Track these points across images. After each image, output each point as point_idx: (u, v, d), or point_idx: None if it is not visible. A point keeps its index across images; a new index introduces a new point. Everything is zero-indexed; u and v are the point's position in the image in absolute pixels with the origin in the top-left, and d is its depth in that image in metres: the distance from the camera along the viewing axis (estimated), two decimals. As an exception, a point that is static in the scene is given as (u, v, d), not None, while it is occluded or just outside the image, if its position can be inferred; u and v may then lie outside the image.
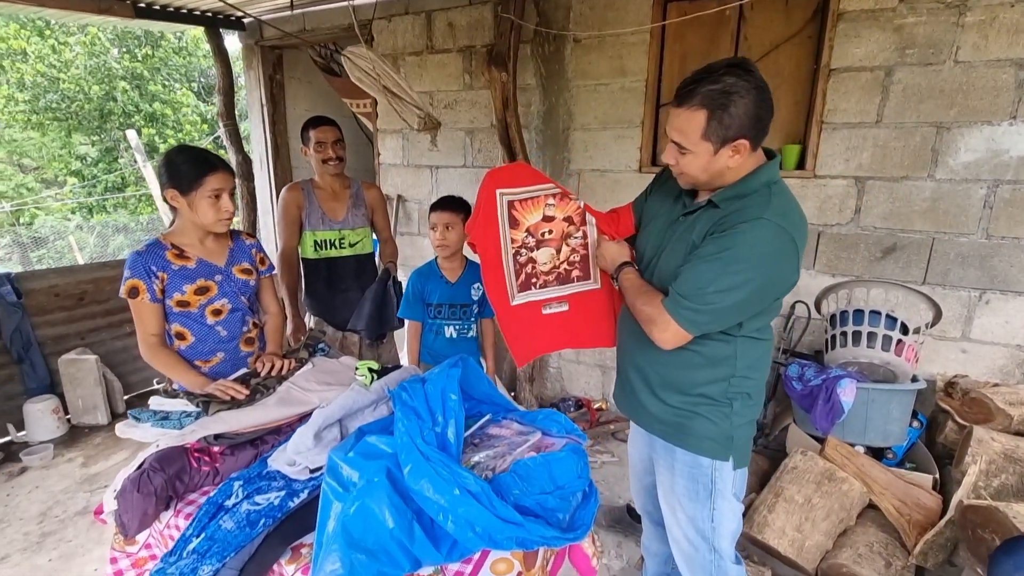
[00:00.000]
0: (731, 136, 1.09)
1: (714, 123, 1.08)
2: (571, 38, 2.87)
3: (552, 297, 1.49)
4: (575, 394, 3.31)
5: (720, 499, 1.30)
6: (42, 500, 2.49)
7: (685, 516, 1.35)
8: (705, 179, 1.17)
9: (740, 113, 1.07)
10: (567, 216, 1.45)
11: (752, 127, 1.09)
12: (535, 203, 1.43)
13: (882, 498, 2.00)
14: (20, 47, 9.63)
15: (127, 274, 1.50)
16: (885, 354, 2.15)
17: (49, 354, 3.13)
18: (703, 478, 1.30)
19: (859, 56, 2.32)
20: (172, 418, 1.38)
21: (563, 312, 1.49)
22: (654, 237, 1.34)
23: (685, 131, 1.12)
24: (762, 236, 1.10)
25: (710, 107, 1.07)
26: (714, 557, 1.35)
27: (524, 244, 1.44)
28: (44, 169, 11.11)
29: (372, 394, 1.40)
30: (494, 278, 1.45)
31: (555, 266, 1.47)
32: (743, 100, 1.06)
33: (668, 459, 1.35)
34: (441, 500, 1.02)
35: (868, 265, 2.48)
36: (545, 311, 1.49)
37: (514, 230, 1.43)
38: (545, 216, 1.43)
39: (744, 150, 1.11)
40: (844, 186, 2.46)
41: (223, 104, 3.93)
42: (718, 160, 1.13)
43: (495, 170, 1.45)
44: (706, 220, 1.19)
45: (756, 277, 1.11)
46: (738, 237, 1.10)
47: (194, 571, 0.99)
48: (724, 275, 1.11)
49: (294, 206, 2.28)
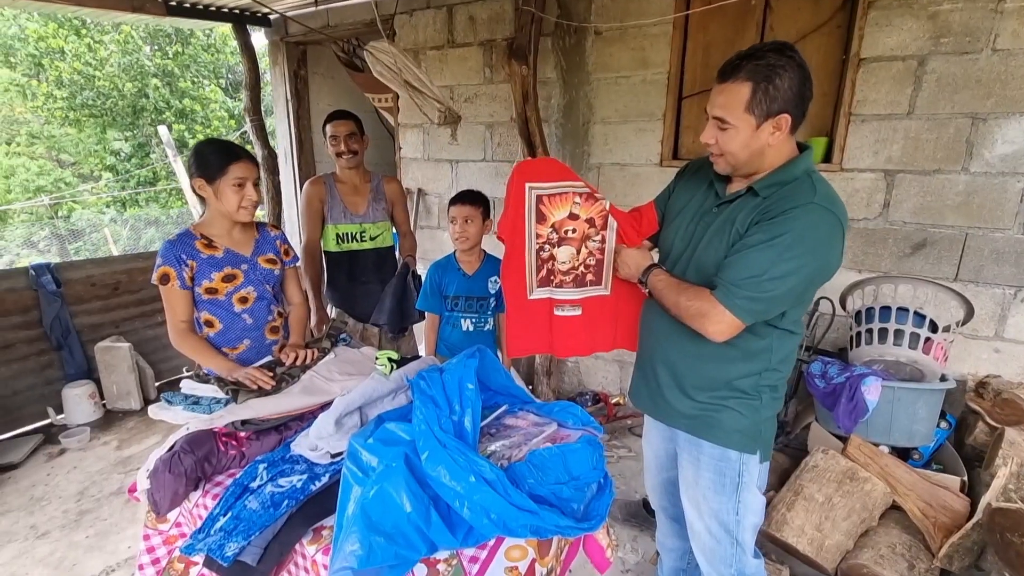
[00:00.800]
0: (775, 110, 1.08)
1: (759, 95, 1.08)
2: (592, 30, 2.85)
3: (566, 299, 1.48)
4: (593, 388, 3.31)
5: (746, 492, 1.30)
6: (79, 480, 2.61)
7: (709, 509, 1.34)
8: (744, 157, 1.15)
9: (785, 87, 1.07)
10: (589, 217, 1.43)
11: (795, 103, 1.09)
12: (563, 199, 1.41)
13: (906, 499, 1.96)
14: (58, 46, 9.98)
15: (159, 262, 1.56)
16: (912, 352, 2.10)
17: (86, 341, 3.27)
18: (730, 471, 1.29)
19: (891, 45, 2.25)
20: (202, 403, 1.44)
21: (576, 316, 1.48)
22: (684, 230, 1.32)
23: (728, 105, 1.11)
24: (815, 221, 1.09)
25: (755, 79, 1.07)
26: (736, 550, 1.34)
27: (548, 240, 1.43)
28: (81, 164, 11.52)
29: (391, 383, 1.43)
30: (514, 269, 1.45)
31: (573, 267, 1.46)
32: (787, 75, 1.07)
33: (693, 453, 1.34)
34: (457, 487, 1.04)
35: (896, 261, 2.42)
36: (557, 312, 1.48)
37: (540, 225, 1.42)
38: (571, 214, 1.42)
39: (785, 126, 1.10)
40: (872, 180, 2.40)
41: (250, 99, 4.02)
42: (759, 136, 1.12)
43: (524, 163, 1.45)
44: (749, 209, 1.17)
45: (810, 263, 1.11)
46: (791, 223, 1.09)
47: (221, 547, 1.03)
48: (780, 262, 1.09)
49: (316, 200, 2.33)
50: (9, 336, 2.96)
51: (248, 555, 1.04)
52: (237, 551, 1.03)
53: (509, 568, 1.04)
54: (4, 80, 10.60)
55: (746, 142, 1.13)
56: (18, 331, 3.02)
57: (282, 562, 1.10)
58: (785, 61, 1.07)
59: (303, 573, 1.12)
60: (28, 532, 2.24)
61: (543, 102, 2.92)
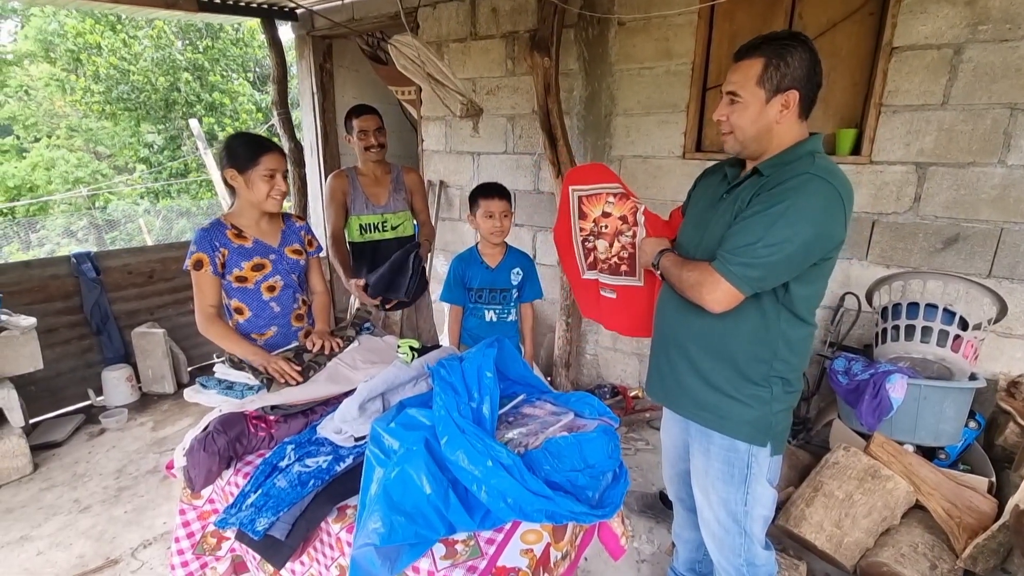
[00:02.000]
0: (785, 85, 1.14)
1: (771, 69, 1.14)
2: (615, 21, 2.82)
3: (606, 283, 1.68)
4: (611, 381, 3.32)
5: (755, 483, 1.31)
6: (118, 459, 2.75)
7: (718, 499, 1.36)
8: (752, 133, 1.19)
9: (796, 64, 1.13)
10: (622, 215, 1.60)
11: (804, 82, 1.14)
12: (598, 199, 1.62)
13: (930, 499, 1.92)
14: (95, 41, 10.30)
15: (193, 248, 1.62)
16: (940, 350, 2.05)
17: (123, 327, 3.42)
18: (739, 462, 1.30)
19: (925, 33, 2.18)
20: (235, 388, 1.50)
21: (612, 299, 1.69)
22: (697, 218, 1.37)
23: (741, 80, 1.17)
24: (810, 190, 1.11)
25: (768, 55, 1.14)
26: (744, 540, 1.36)
27: (591, 232, 1.66)
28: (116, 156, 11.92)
29: (412, 370, 1.47)
30: (568, 258, 1.73)
31: (608, 257, 1.65)
32: (799, 54, 1.13)
33: (704, 443, 1.36)
34: (475, 471, 1.07)
35: (926, 256, 2.35)
36: (602, 293, 1.70)
37: (583, 220, 1.67)
38: (604, 212, 1.62)
39: (793, 103, 1.15)
40: (903, 172, 2.34)
41: (276, 93, 4.10)
42: (768, 112, 1.16)
43: (573, 170, 1.68)
44: (751, 187, 1.21)
45: (806, 230, 1.11)
46: (787, 193, 1.11)
47: (252, 522, 1.09)
48: (773, 229, 1.11)
49: (339, 192, 2.39)
50: (52, 321, 3.12)
51: (277, 530, 1.09)
52: (267, 526, 1.09)
53: (524, 551, 1.07)
54: (45, 75, 11.02)
55: (755, 117, 1.17)
56: (61, 316, 3.18)
57: (309, 538, 1.16)
58: (799, 44, 1.14)
59: (328, 549, 1.18)
60: (72, 506, 2.37)
61: (565, 94, 2.92)
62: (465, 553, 1.05)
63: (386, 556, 0.99)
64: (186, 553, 1.41)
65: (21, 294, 3.00)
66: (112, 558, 2.06)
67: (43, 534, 2.19)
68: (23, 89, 11.39)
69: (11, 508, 2.36)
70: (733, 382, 1.27)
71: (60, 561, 2.04)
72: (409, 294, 2.27)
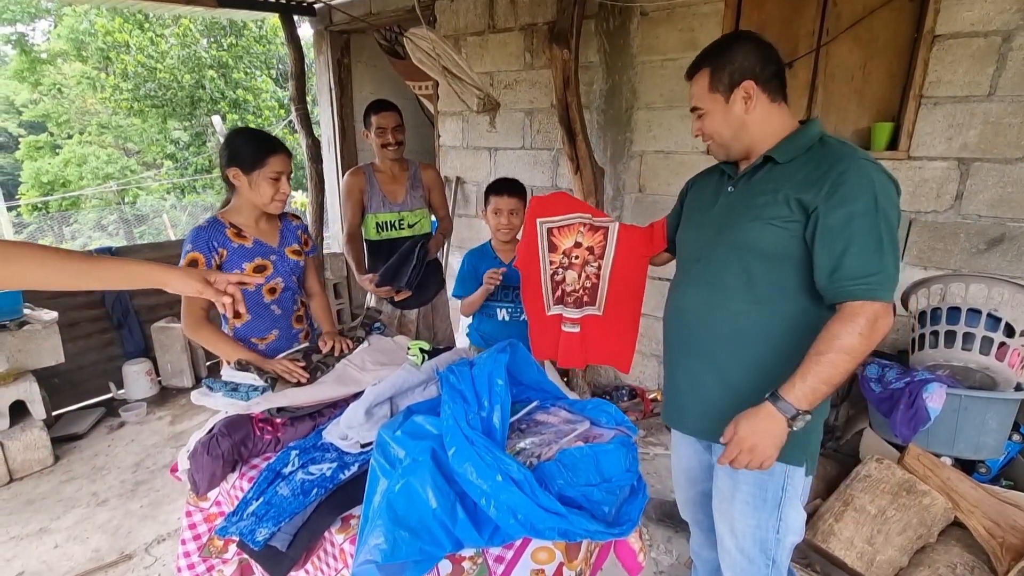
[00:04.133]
0: (736, 80, 1.13)
1: (716, 73, 1.15)
2: (638, 11, 2.73)
3: (570, 318, 1.69)
4: (629, 383, 3.24)
5: (788, 507, 1.21)
6: (136, 452, 2.78)
7: (745, 526, 1.25)
8: (729, 134, 1.18)
9: (739, 58, 1.13)
10: (590, 246, 1.63)
11: (754, 70, 1.12)
12: (571, 229, 1.63)
13: (970, 516, 1.81)
14: (124, 40, 10.53)
15: (188, 247, 1.52)
16: (984, 358, 1.92)
17: (143, 322, 3.46)
18: (773, 486, 1.20)
19: (971, 20, 2.04)
20: (241, 390, 1.47)
21: (575, 333, 1.69)
22: (701, 220, 1.31)
23: (697, 94, 1.19)
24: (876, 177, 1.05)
25: (710, 63, 1.16)
26: (771, 572, 1.25)
27: (560, 264, 1.65)
28: (144, 153, 12.20)
29: (422, 374, 1.43)
30: (532, 292, 1.70)
31: (575, 289, 1.66)
32: (739, 48, 1.14)
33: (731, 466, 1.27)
34: (484, 485, 1.02)
35: (968, 258, 2.22)
36: (564, 328, 1.70)
37: (552, 253, 1.65)
38: (576, 242, 1.63)
39: (753, 92, 1.13)
40: (944, 169, 2.20)
41: (295, 89, 4.09)
42: (732, 110, 1.15)
43: (536, 200, 1.65)
44: (776, 178, 1.14)
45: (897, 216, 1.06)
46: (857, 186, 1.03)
47: (252, 532, 1.05)
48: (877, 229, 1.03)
49: (356, 190, 2.35)
50: (75, 315, 3.17)
51: (278, 540, 1.05)
52: (268, 536, 1.05)
53: (535, 571, 1.01)
54: (77, 73, 11.33)
55: (723, 119, 1.17)
56: (83, 311, 3.23)
57: (311, 548, 1.12)
58: (737, 39, 1.15)
59: (331, 560, 1.14)
60: (90, 499, 2.40)
61: (584, 87, 2.83)
62: (473, 571, 1.00)
63: (389, 573, 0.94)
64: (192, 555, 1.39)
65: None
66: (127, 553, 2.07)
67: (61, 527, 2.22)
68: (56, 87, 11.74)
69: (32, 500, 2.40)
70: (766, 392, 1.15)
71: (76, 554, 2.06)
72: (411, 285, 2.24)
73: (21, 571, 1.99)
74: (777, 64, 1.15)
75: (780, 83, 1.16)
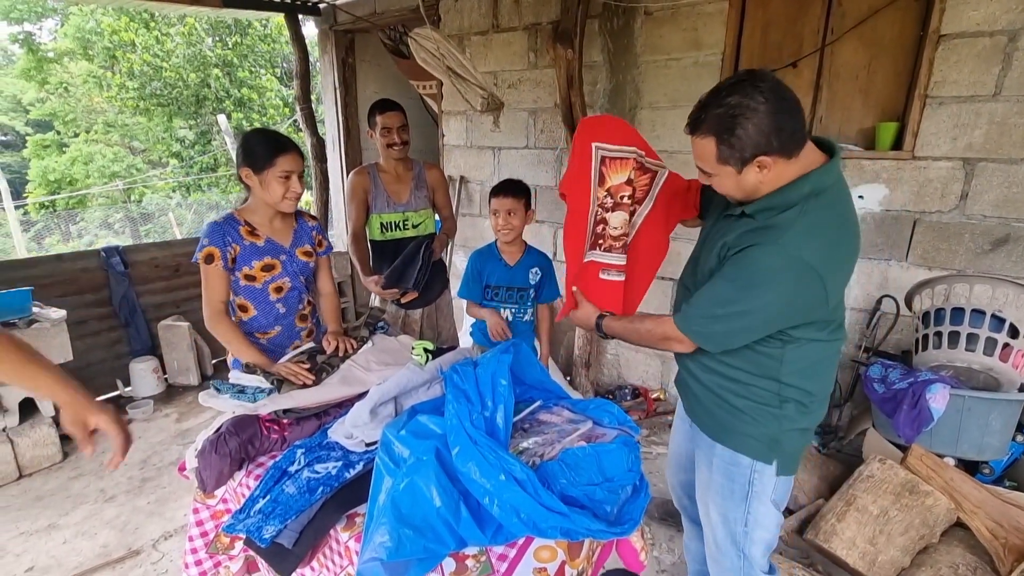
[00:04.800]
0: (748, 157, 1.03)
1: (724, 148, 1.04)
2: (642, 10, 2.72)
3: (613, 264, 1.42)
4: (632, 382, 3.24)
5: (756, 502, 1.23)
6: (143, 450, 2.80)
7: (717, 514, 1.30)
8: (742, 196, 1.12)
9: (750, 133, 1.01)
10: (642, 186, 1.42)
11: (769, 143, 1.01)
12: (624, 164, 1.37)
13: (973, 517, 1.81)
14: (130, 39, 10.57)
15: (204, 241, 1.59)
16: (987, 359, 1.92)
17: (150, 319, 3.49)
18: (740, 478, 1.23)
19: (976, 20, 2.03)
20: (248, 392, 1.49)
21: (619, 281, 1.43)
22: (706, 232, 1.32)
23: (702, 157, 1.10)
24: (772, 265, 1.04)
25: (717, 133, 1.04)
26: (743, 563, 1.28)
27: (602, 204, 1.39)
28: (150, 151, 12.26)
29: (426, 374, 1.44)
30: (577, 230, 1.40)
31: (624, 232, 1.41)
32: (750, 120, 1.00)
33: (707, 453, 1.30)
34: (487, 484, 1.03)
35: (972, 258, 2.21)
36: (602, 275, 1.43)
37: (599, 187, 1.38)
38: (629, 179, 1.37)
39: (769, 165, 1.04)
40: (949, 168, 2.19)
41: (300, 88, 4.12)
42: (746, 179, 1.07)
43: (591, 119, 1.42)
44: (738, 229, 1.13)
45: (767, 305, 1.07)
46: (749, 262, 1.06)
47: (259, 529, 1.07)
48: (734, 300, 1.08)
49: (361, 189, 2.36)
50: (83, 313, 3.20)
51: (284, 538, 1.07)
52: (274, 534, 1.07)
53: (538, 569, 1.02)
54: (83, 72, 11.39)
55: (736, 185, 1.10)
56: (91, 308, 3.26)
57: (316, 546, 1.13)
58: (746, 104, 1.00)
59: (337, 557, 1.15)
60: (98, 495, 2.43)
61: (588, 87, 2.84)
62: (476, 569, 1.01)
63: (393, 571, 0.96)
64: (200, 552, 1.41)
65: (53, 286, 3.08)
66: (134, 549, 2.09)
67: (70, 522, 2.25)
68: (63, 86, 11.80)
69: (41, 496, 2.43)
70: (738, 396, 1.20)
71: (85, 550, 2.09)
72: (418, 286, 2.25)
73: (31, 566, 2.01)
74: (792, 117, 1.01)
75: (796, 136, 1.03)
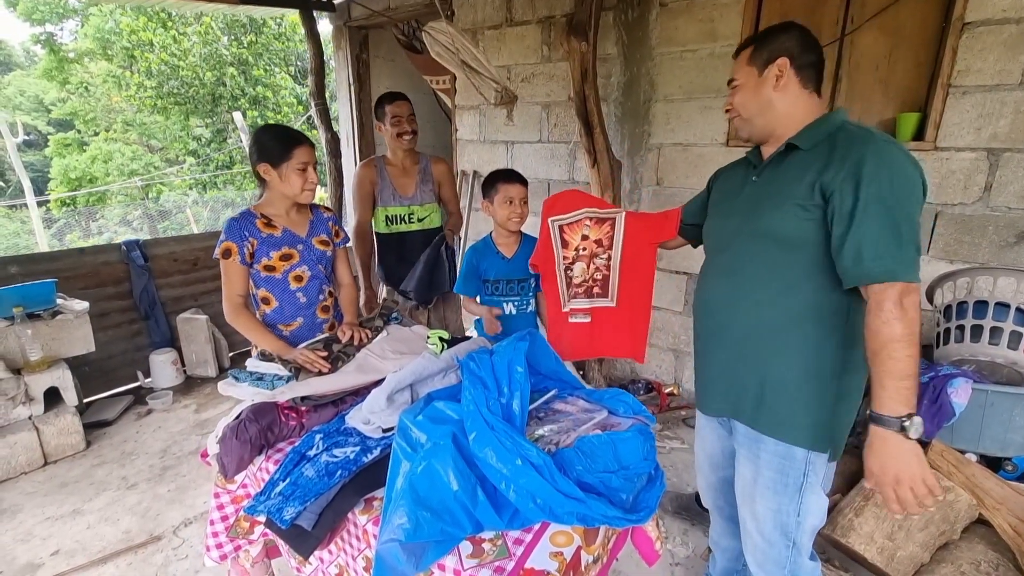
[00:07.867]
0: (773, 56, 1.18)
1: (758, 50, 1.21)
2: (657, 2, 2.71)
3: (579, 308, 1.75)
4: (646, 376, 3.23)
5: (810, 492, 1.21)
6: (163, 439, 2.86)
7: (766, 510, 1.26)
8: (755, 109, 1.22)
9: (780, 38, 1.19)
10: (598, 238, 1.69)
11: (792, 50, 1.17)
12: (578, 224, 1.69)
13: (995, 514, 1.78)
14: (148, 38, 10.75)
15: (223, 237, 1.65)
16: (1012, 353, 1.88)
17: (169, 312, 3.55)
18: (794, 472, 1.20)
19: (1003, 6, 1.99)
20: (266, 380, 1.51)
21: (585, 323, 1.76)
22: (727, 210, 1.33)
23: (737, 67, 1.25)
24: (893, 159, 1.05)
25: (757, 40, 1.23)
26: (792, 552, 1.26)
27: (572, 260, 1.73)
28: (167, 149, 12.46)
29: (441, 362, 1.45)
30: (551, 291, 1.78)
31: (584, 280, 1.73)
32: (785, 31, 1.20)
33: (752, 449, 1.26)
34: (504, 469, 1.04)
35: (997, 251, 2.16)
36: (571, 320, 1.76)
37: (565, 250, 1.73)
38: (583, 235, 1.70)
39: (785, 71, 1.17)
40: (972, 159, 2.15)
41: (314, 84, 4.14)
42: (764, 85, 1.19)
43: (548, 201, 1.72)
44: (800, 165, 1.14)
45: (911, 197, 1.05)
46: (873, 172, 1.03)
47: (280, 510, 1.09)
48: (892, 212, 1.02)
49: (367, 182, 2.38)
50: (105, 306, 3.27)
51: (304, 520, 1.09)
52: (294, 515, 1.08)
53: (554, 553, 1.03)
54: (103, 72, 11.60)
55: (753, 93, 1.21)
56: (112, 301, 3.33)
57: (335, 528, 1.15)
58: (786, 26, 1.21)
59: (355, 540, 1.17)
60: (120, 483, 2.49)
61: (602, 80, 2.82)
62: (492, 553, 1.02)
63: (411, 552, 0.97)
64: (220, 536, 1.43)
65: (76, 279, 3.15)
66: (155, 535, 2.14)
67: (93, 508, 2.30)
68: (83, 86, 12.03)
69: (66, 482, 2.49)
70: (801, 374, 1.16)
71: (108, 535, 2.14)
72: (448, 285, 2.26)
73: (56, 549, 2.07)
74: (817, 55, 1.18)
75: (815, 73, 1.19)
